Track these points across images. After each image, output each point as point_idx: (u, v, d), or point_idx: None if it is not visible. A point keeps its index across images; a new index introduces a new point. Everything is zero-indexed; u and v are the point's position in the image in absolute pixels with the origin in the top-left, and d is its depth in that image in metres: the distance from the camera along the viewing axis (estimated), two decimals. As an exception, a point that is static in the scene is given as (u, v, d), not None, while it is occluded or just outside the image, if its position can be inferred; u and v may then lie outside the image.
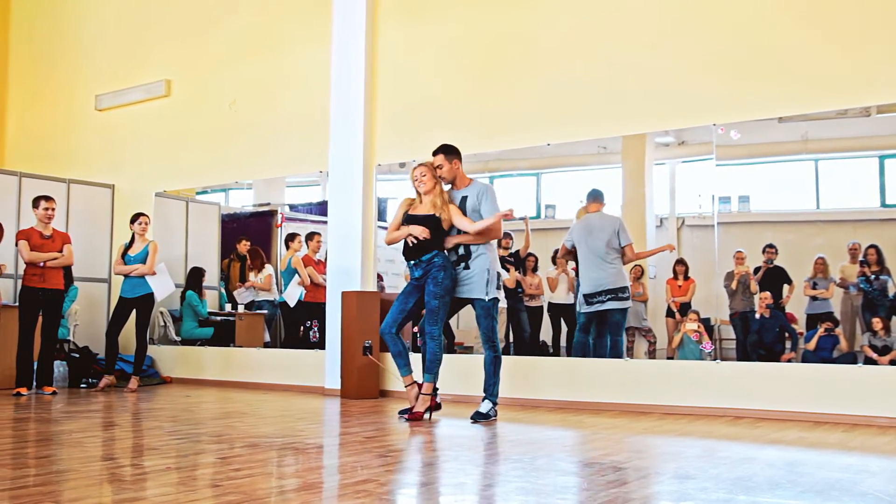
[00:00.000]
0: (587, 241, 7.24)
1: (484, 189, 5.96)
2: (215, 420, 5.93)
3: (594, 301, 7.15)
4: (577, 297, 7.28)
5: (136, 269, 8.20)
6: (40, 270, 7.61)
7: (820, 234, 6.61)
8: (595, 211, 7.31)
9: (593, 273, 7.18)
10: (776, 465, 4.06)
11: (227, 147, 9.50)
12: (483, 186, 6.00)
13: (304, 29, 8.94)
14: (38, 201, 7.80)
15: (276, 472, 3.77)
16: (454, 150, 6.04)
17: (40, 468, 3.82)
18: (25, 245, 7.60)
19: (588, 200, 7.36)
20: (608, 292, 7.11)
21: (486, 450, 4.64)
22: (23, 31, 12.00)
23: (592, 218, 7.30)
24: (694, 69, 6.70)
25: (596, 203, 7.33)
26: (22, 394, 7.51)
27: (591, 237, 7.22)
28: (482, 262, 5.81)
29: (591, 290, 7.17)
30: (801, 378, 6.10)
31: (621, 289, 7.11)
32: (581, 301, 7.23)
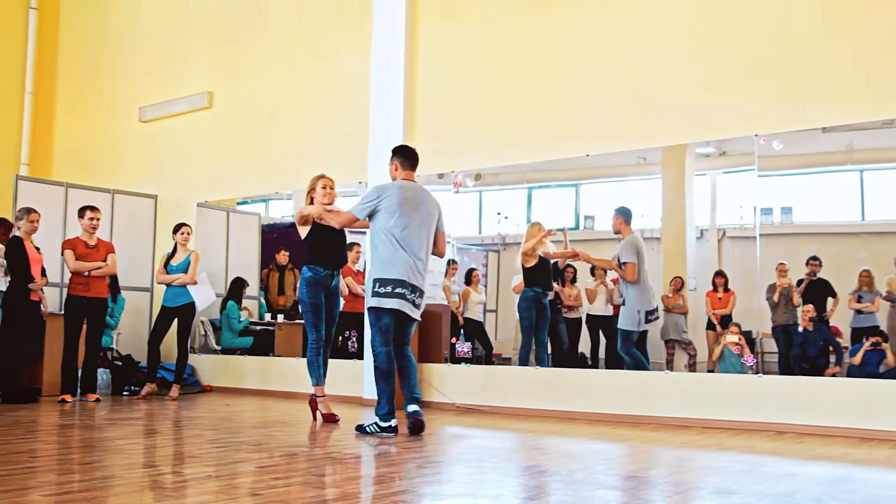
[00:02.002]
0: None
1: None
2: (255, 429, 5.98)
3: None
4: (640, 315, 7.13)
5: (178, 278, 8.32)
6: (85, 279, 7.76)
7: (865, 247, 6.49)
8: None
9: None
10: (820, 481, 3.98)
11: (267, 158, 9.61)
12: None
13: (344, 39, 9.02)
14: (84, 211, 7.95)
15: (315, 482, 3.79)
16: (394, 150, 5.91)
17: (84, 474, 3.88)
18: (71, 254, 7.75)
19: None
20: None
21: (524, 462, 4.61)
22: (70, 49, 12.27)
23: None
24: (735, 78, 6.63)
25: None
26: (67, 401, 7.64)
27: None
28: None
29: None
30: (846, 393, 5.97)
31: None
32: (643, 319, 7.13)
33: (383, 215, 5.49)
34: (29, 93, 12.19)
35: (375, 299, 5.43)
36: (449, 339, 8.04)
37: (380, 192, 5.56)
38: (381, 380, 5.50)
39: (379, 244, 5.50)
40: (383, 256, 5.45)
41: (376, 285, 5.43)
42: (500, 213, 8.32)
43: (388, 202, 5.48)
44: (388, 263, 5.43)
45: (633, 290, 7.05)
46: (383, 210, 5.49)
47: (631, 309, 7.05)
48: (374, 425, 5.50)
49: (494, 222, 8.38)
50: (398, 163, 5.74)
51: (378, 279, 5.43)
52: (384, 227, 5.46)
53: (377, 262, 5.49)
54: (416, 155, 5.85)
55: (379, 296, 5.41)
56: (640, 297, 7.05)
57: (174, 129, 10.62)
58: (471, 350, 7.97)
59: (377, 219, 5.52)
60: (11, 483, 3.48)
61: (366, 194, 5.63)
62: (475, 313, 8.29)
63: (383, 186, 5.62)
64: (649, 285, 7.10)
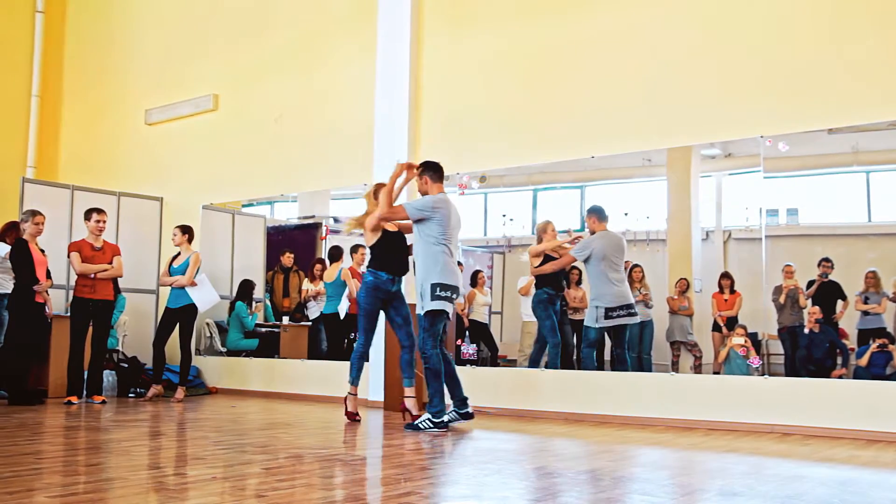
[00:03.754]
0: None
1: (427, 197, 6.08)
2: (260, 431, 5.98)
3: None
4: (597, 312, 7.10)
5: (177, 280, 8.32)
6: (91, 282, 7.77)
7: (871, 248, 6.48)
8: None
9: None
10: (827, 483, 3.97)
11: (272, 160, 9.62)
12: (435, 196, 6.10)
13: (350, 42, 9.03)
14: (90, 214, 7.97)
15: (320, 484, 3.79)
16: (423, 166, 6.19)
17: (90, 476, 3.88)
18: (77, 257, 7.76)
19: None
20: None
21: (530, 463, 4.61)
22: (76, 52, 12.30)
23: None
24: (741, 80, 6.61)
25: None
26: (73, 402, 7.66)
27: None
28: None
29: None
30: (852, 395, 5.95)
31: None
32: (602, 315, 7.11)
33: (435, 226, 5.85)
34: (35, 95, 12.22)
35: (438, 302, 5.78)
36: (454, 340, 8.03)
37: (435, 203, 5.90)
38: (433, 379, 5.84)
39: (438, 252, 5.84)
40: (444, 263, 5.83)
41: (437, 289, 5.78)
42: (505, 214, 8.32)
43: (441, 214, 5.88)
44: (447, 271, 5.83)
45: (593, 286, 7.13)
46: (436, 221, 5.86)
47: (590, 306, 7.14)
48: (427, 422, 5.78)
49: (500, 224, 8.37)
50: (429, 177, 6.07)
51: (440, 283, 5.79)
52: (438, 237, 5.84)
53: (438, 268, 5.81)
54: (443, 169, 6.19)
55: (440, 299, 5.78)
56: (597, 294, 7.05)
57: (180, 131, 10.63)
58: (476, 352, 7.96)
59: (429, 227, 5.86)
60: (17, 484, 3.49)
61: (421, 201, 5.94)
62: (480, 315, 8.28)
63: (436, 199, 5.94)
64: (613, 282, 7.00)
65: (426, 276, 5.82)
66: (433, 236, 5.85)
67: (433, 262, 5.82)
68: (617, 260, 7.05)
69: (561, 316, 7.70)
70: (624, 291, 7.04)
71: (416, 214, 5.88)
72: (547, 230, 7.50)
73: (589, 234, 7.20)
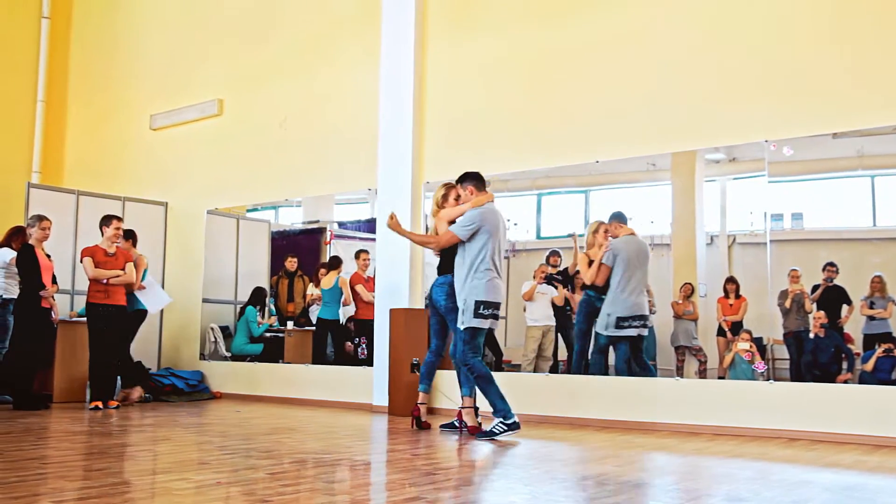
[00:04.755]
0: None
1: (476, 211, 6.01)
2: (264, 436, 5.98)
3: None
4: (608, 319, 7.03)
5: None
6: (104, 287, 7.78)
7: (877, 252, 6.46)
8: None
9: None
10: (833, 489, 3.95)
11: (277, 165, 9.63)
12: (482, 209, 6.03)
13: (354, 47, 9.04)
14: (110, 220, 7.97)
15: (325, 488, 3.79)
16: (464, 177, 6.14)
17: (94, 481, 3.88)
18: (90, 262, 7.77)
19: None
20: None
21: (535, 468, 4.60)
22: (82, 57, 12.34)
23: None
24: (745, 84, 6.61)
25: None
26: (99, 407, 7.66)
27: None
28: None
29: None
30: (858, 400, 5.94)
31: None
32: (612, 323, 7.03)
33: (482, 238, 5.80)
34: (41, 101, 12.26)
35: (478, 320, 5.75)
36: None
37: (482, 214, 5.85)
38: (486, 384, 5.80)
39: (482, 267, 5.77)
40: (489, 279, 5.77)
41: (480, 307, 5.74)
42: (509, 219, 8.29)
43: (490, 225, 5.83)
44: (492, 288, 5.78)
45: (609, 292, 7.07)
46: (482, 233, 5.80)
47: (602, 311, 7.08)
48: (499, 425, 5.71)
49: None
50: (473, 187, 6.03)
51: (482, 302, 5.74)
52: (485, 251, 5.78)
53: (483, 285, 5.75)
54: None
55: (482, 317, 5.75)
56: (612, 300, 7.02)
57: (185, 136, 10.66)
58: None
59: (477, 240, 5.81)
60: (23, 489, 3.49)
61: (467, 217, 5.87)
62: (484, 320, 8.26)
63: (482, 210, 5.88)
64: (629, 291, 6.95)
65: (470, 292, 5.76)
66: (478, 249, 5.80)
67: (479, 277, 5.77)
68: (638, 267, 6.99)
69: (566, 321, 7.69)
70: (640, 302, 6.98)
71: (466, 234, 5.82)
72: (599, 230, 7.28)
73: (610, 239, 7.13)
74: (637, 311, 6.97)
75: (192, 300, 10.06)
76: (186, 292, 10.10)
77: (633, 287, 6.99)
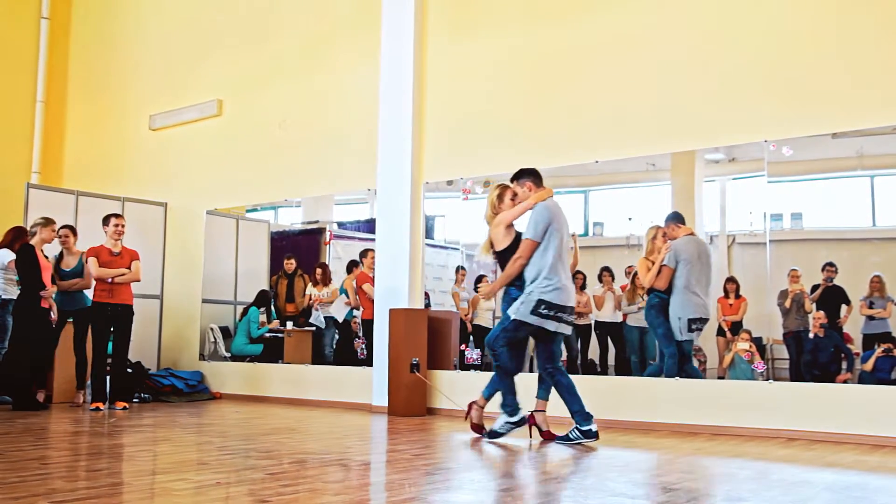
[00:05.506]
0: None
1: (534, 210, 5.64)
2: (264, 436, 5.98)
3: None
4: (680, 323, 6.80)
5: (76, 282, 8.21)
6: (109, 286, 7.79)
7: (876, 252, 6.46)
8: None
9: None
10: (833, 488, 3.95)
11: (276, 165, 9.63)
12: (538, 207, 5.65)
13: (353, 47, 9.04)
14: (109, 218, 8.00)
15: (324, 489, 3.78)
16: (520, 173, 5.82)
17: (94, 481, 3.88)
18: (95, 261, 7.78)
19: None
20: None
21: (533, 469, 4.60)
22: (81, 58, 12.35)
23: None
24: (745, 85, 6.61)
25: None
26: (100, 408, 7.66)
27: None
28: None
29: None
30: (858, 400, 5.94)
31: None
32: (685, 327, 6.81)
33: (552, 236, 5.50)
34: (40, 101, 12.27)
35: (533, 318, 5.41)
36: (458, 345, 8.04)
37: (549, 210, 5.55)
38: (503, 376, 5.59)
39: (550, 266, 5.46)
40: (555, 280, 5.45)
41: (541, 306, 5.40)
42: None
43: (557, 222, 5.54)
44: (560, 289, 5.45)
45: (674, 296, 6.84)
46: (552, 230, 5.51)
47: (672, 316, 6.83)
48: (574, 431, 5.47)
49: (503, 229, 8.36)
50: (531, 183, 5.72)
51: (545, 301, 5.41)
52: (553, 250, 5.48)
53: (550, 286, 5.43)
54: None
55: (539, 315, 5.41)
56: (680, 302, 6.81)
57: (184, 137, 10.66)
58: (480, 357, 7.96)
59: (546, 238, 5.50)
60: (22, 490, 3.49)
61: (535, 217, 5.54)
62: (485, 320, 8.27)
63: (547, 205, 5.58)
64: (695, 292, 6.78)
65: (537, 289, 5.43)
66: (544, 248, 5.49)
67: (549, 278, 5.44)
68: (701, 267, 6.84)
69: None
70: (706, 303, 6.81)
71: (541, 235, 5.50)
72: (657, 235, 7.05)
73: (667, 241, 6.95)
74: (704, 312, 6.80)
75: (192, 300, 10.06)
76: (186, 293, 10.11)
77: (700, 288, 6.82)
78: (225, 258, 10.13)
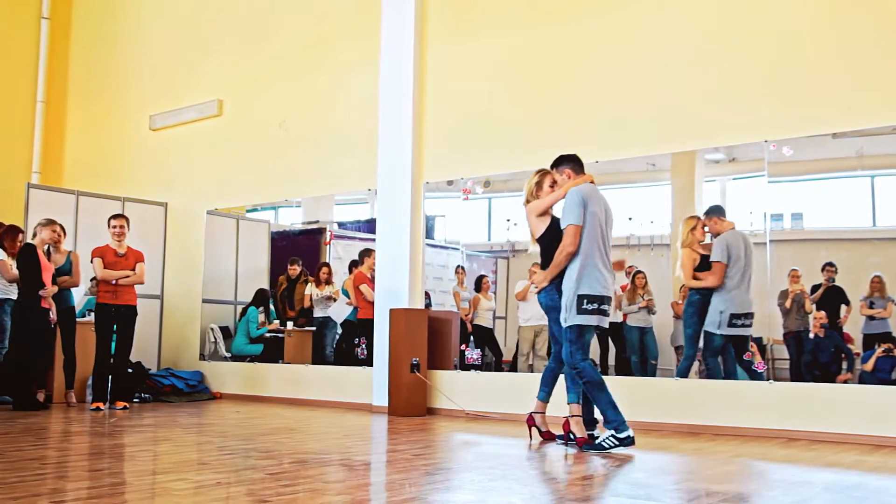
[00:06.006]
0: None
1: (567, 195, 5.40)
2: (264, 436, 5.98)
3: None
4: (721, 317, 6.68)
5: (66, 280, 8.19)
6: (113, 287, 7.81)
7: (876, 252, 6.45)
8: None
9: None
10: (834, 488, 3.95)
11: (277, 165, 9.63)
12: (570, 191, 5.41)
13: (354, 47, 9.04)
14: (110, 220, 8.03)
15: (324, 489, 3.78)
16: (560, 160, 5.62)
17: (94, 481, 3.88)
18: (100, 262, 7.81)
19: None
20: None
21: (535, 469, 4.60)
22: (82, 58, 12.35)
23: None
24: (745, 85, 6.61)
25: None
26: (101, 409, 7.66)
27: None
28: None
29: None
30: (858, 400, 5.94)
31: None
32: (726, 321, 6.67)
33: (590, 223, 5.27)
34: (40, 101, 12.27)
35: (583, 317, 5.20)
36: (458, 345, 8.03)
37: (583, 192, 5.31)
38: (596, 391, 5.23)
39: (587, 255, 5.23)
40: (592, 268, 5.24)
41: (584, 302, 5.19)
42: (509, 219, 8.31)
43: (594, 205, 5.30)
44: (595, 279, 5.23)
45: (717, 291, 6.69)
46: (590, 216, 5.28)
47: (714, 309, 6.70)
48: (610, 439, 5.15)
49: (503, 229, 8.37)
50: (570, 170, 5.51)
51: (587, 295, 5.20)
52: (591, 237, 5.26)
53: (585, 275, 5.22)
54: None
55: (586, 312, 5.19)
56: (724, 297, 6.68)
57: (184, 137, 10.66)
58: (480, 357, 7.96)
59: (585, 226, 5.28)
60: (22, 490, 3.49)
61: (569, 201, 5.31)
62: (485, 320, 8.27)
63: (581, 188, 5.34)
64: (739, 287, 6.63)
65: (572, 285, 5.22)
66: (584, 233, 5.25)
67: (581, 266, 5.22)
68: (745, 262, 6.69)
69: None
70: (748, 298, 6.66)
71: (580, 216, 5.24)
72: (697, 227, 6.88)
73: (714, 236, 6.84)
74: (748, 307, 6.65)
75: (192, 300, 10.06)
76: (186, 293, 10.11)
77: (744, 282, 6.68)
78: (225, 258, 10.13)
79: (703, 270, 6.83)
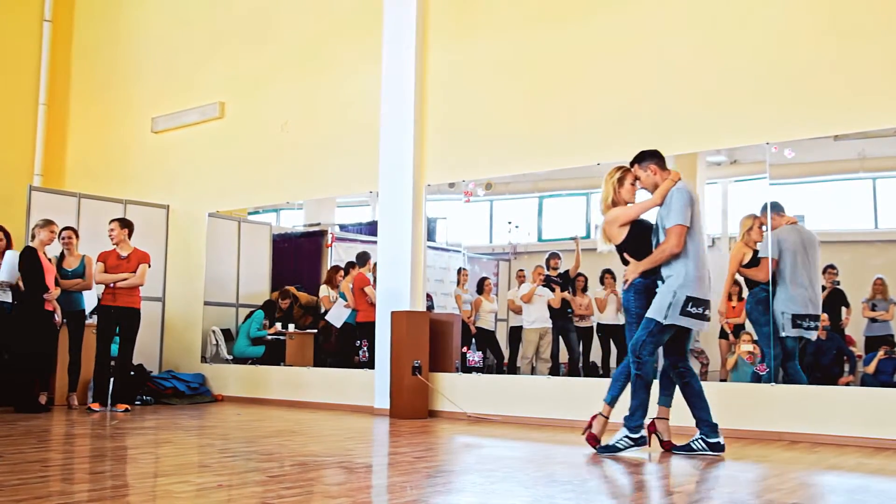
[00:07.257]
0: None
1: (670, 194, 5.16)
2: (266, 438, 5.98)
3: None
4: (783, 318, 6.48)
5: (77, 283, 8.21)
6: (112, 290, 7.89)
7: (878, 255, 6.45)
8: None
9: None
10: (836, 491, 3.95)
11: (278, 168, 9.64)
12: (672, 190, 5.17)
13: (355, 50, 9.05)
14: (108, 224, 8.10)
15: (326, 491, 3.78)
16: (642, 156, 5.37)
17: (96, 483, 3.89)
18: (100, 266, 7.91)
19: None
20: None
21: (537, 471, 4.59)
22: (84, 60, 12.36)
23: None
24: (746, 87, 6.61)
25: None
26: (95, 409, 7.68)
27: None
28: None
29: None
30: (860, 402, 5.93)
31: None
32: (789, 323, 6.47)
33: (696, 222, 5.12)
34: (42, 104, 12.28)
35: (685, 319, 5.01)
36: (460, 348, 8.03)
37: (688, 191, 5.12)
38: (642, 388, 5.14)
39: (693, 256, 5.07)
40: (702, 273, 5.09)
41: (690, 304, 5.00)
42: (510, 222, 8.31)
43: (696, 207, 5.12)
44: (702, 280, 5.08)
45: (778, 289, 6.55)
46: (696, 216, 5.11)
47: (776, 310, 6.52)
48: (625, 439, 5.15)
49: (505, 231, 8.37)
50: (655, 166, 5.28)
51: (694, 298, 5.02)
52: (698, 237, 5.12)
53: (695, 276, 5.05)
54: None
55: (689, 315, 5.01)
56: (785, 297, 6.51)
57: (186, 139, 10.67)
58: (482, 359, 7.95)
59: (692, 222, 5.11)
60: (24, 492, 3.49)
61: (678, 200, 5.09)
62: (487, 322, 8.27)
63: (685, 187, 5.16)
64: (804, 286, 6.45)
65: (682, 284, 5.01)
66: (689, 233, 5.06)
67: (693, 267, 5.03)
68: (806, 258, 6.49)
69: (567, 323, 7.68)
70: (814, 298, 6.37)
71: (688, 220, 5.06)
72: (754, 226, 6.66)
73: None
74: (811, 307, 6.42)
75: (194, 303, 10.07)
76: (188, 295, 10.11)
77: (805, 280, 6.48)
78: (227, 261, 10.13)
79: (762, 269, 6.57)
